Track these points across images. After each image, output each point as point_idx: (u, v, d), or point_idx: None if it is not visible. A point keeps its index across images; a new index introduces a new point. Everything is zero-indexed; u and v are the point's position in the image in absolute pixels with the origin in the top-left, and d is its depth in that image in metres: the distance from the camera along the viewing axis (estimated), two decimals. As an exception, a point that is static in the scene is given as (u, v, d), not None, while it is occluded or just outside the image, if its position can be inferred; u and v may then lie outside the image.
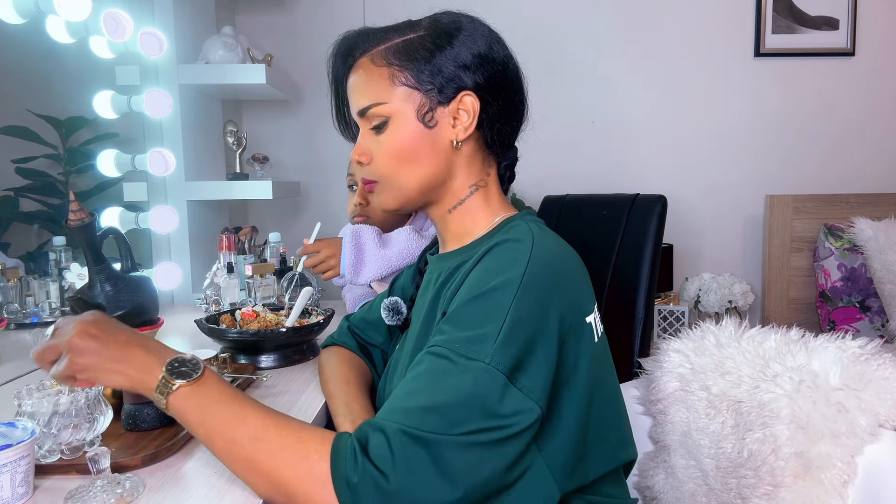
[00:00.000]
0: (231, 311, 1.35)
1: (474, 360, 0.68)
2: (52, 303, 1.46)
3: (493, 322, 0.70)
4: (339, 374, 1.02)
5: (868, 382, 0.83)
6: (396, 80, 0.82)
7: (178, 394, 0.69)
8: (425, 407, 0.66)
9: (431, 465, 0.63)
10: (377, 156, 0.85)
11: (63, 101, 1.62)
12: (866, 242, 2.36)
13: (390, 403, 0.69)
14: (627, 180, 2.55)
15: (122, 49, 1.64)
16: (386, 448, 0.64)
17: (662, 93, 2.60)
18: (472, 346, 0.69)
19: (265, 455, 0.66)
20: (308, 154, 2.63)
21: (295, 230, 2.62)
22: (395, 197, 0.87)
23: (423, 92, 0.82)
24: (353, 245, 1.38)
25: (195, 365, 0.70)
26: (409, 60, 0.82)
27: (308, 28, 2.58)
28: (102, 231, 1.22)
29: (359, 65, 0.85)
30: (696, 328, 1.11)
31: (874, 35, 2.60)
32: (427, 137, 0.83)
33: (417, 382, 0.69)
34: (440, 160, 0.84)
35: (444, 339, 0.71)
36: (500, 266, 0.74)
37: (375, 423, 0.67)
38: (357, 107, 0.85)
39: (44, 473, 0.77)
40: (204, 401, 0.69)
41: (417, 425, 0.65)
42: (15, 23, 1.28)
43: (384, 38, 0.85)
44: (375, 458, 0.63)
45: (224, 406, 0.69)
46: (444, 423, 0.65)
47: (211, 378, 0.71)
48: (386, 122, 0.83)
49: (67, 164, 1.62)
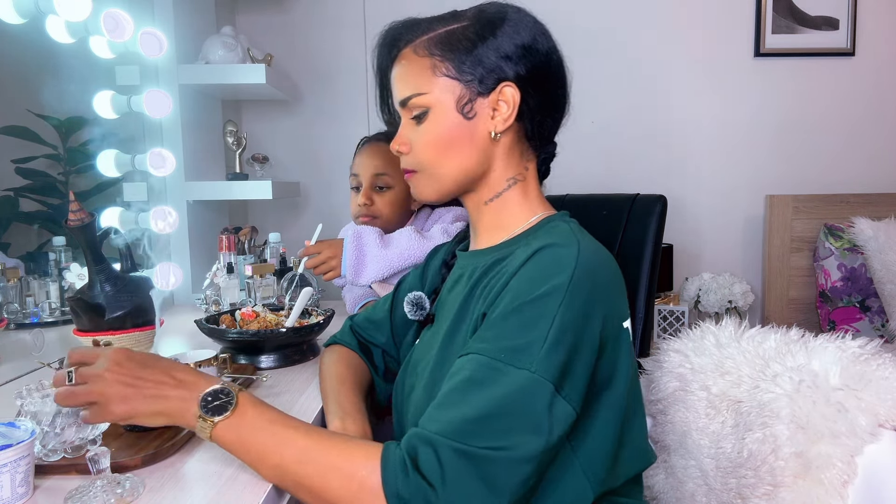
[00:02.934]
0: (231, 312, 1.35)
1: (521, 370, 0.68)
2: (52, 303, 1.46)
3: (539, 330, 0.70)
4: (335, 373, 1.02)
5: (868, 382, 0.84)
6: (437, 71, 0.82)
7: (218, 429, 0.70)
8: (473, 418, 0.66)
9: (480, 480, 0.64)
10: (416, 145, 0.85)
11: (63, 101, 1.62)
12: (866, 242, 2.36)
13: (437, 412, 0.69)
14: (627, 180, 2.55)
15: (122, 49, 1.64)
16: (436, 462, 0.64)
17: (662, 93, 2.60)
18: (518, 355, 0.69)
19: (313, 477, 0.67)
20: (308, 154, 2.63)
21: (295, 230, 2.62)
22: (432, 187, 0.87)
23: (464, 83, 0.82)
24: (354, 246, 1.38)
25: (228, 395, 0.71)
26: (450, 51, 0.82)
27: (308, 28, 2.58)
28: (103, 231, 1.22)
29: (402, 55, 0.85)
30: (696, 328, 1.11)
31: (874, 35, 2.60)
32: (465, 128, 0.83)
33: (464, 391, 0.69)
34: (478, 151, 0.84)
35: (489, 347, 0.71)
36: (547, 272, 0.73)
37: (424, 437, 0.67)
38: (399, 96, 0.86)
39: (44, 473, 0.77)
40: (244, 431, 0.70)
41: (466, 440, 0.65)
42: (15, 23, 1.27)
43: (428, 28, 0.85)
44: (426, 472, 0.64)
45: (264, 433, 0.70)
46: (492, 437, 0.65)
47: (246, 405, 0.72)
48: (426, 112, 0.83)
49: (67, 164, 1.62)
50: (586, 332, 0.72)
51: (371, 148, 1.60)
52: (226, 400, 0.71)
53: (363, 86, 2.58)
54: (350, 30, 2.56)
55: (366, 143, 1.63)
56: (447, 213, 1.55)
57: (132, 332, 1.17)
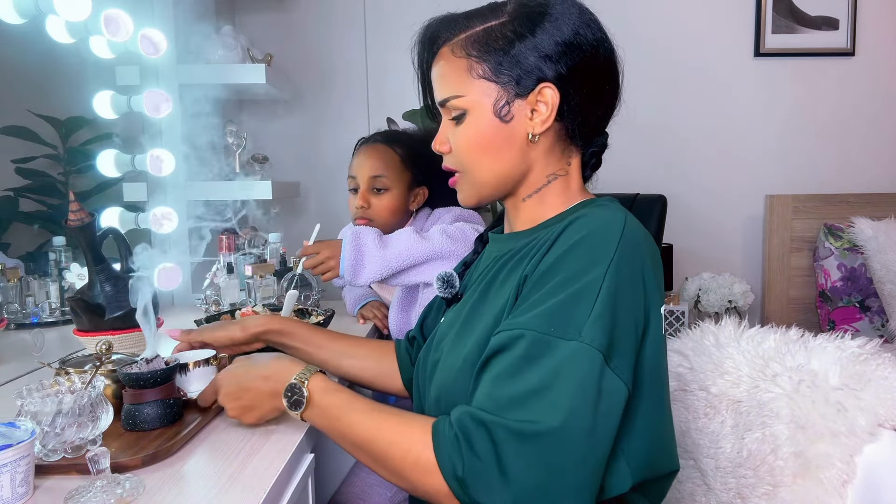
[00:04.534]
0: (231, 312, 1.35)
1: (569, 341, 0.68)
2: (52, 303, 1.46)
3: (586, 300, 0.69)
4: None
5: (867, 382, 0.84)
6: (474, 73, 0.80)
7: (304, 418, 0.81)
8: (522, 395, 0.67)
9: (535, 458, 0.64)
10: (455, 147, 0.84)
11: (63, 101, 1.62)
12: (866, 242, 2.36)
13: (488, 390, 0.69)
14: (627, 180, 2.55)
15: (122, 49, 1.64)
16: (489, 442, 0.65)
17: (662, 92, 2.60)
18: (566, 327, 0.68)
19: (380, 455, 0.73)
20: (308, 154, 2.63)
21: (295, 230, 2.62)
22: (472, 192, 0.86)
23: (501, 84, 0.79)
24: (352, 246, 1.38)
25: (299, 392, 0.80)
26: (487, 52, 0.79)
27: (308, 28, 2.58)
28: (103, 231, 1.22)
29: (440, 54, 0.84)
30: (696, 328, 1.11)
31: (874, 35, 2.60)
32: (503, 132, 0.81)
33: (515, 368, 0.69)
34: (516, 154, 0.81)
35: (536, 322, 0.70)
36: (592, 242, 0.72)
37: (477, 416, 0.67)
38: (438, 97, 0.85)
39: (44, 473, 0.77)
40: (320, 420, 0.80)
41: (517, 417, 0.65)
42: (15, 23, 1.27)
43: (466, 25, 0.82)
44: (481, 453, 0.65)
45: (337, 421, 0.78)
46: (543, 412, 0.65)
47: (316, 397, 0.79)
48: (464, 114, 0.82)
49: (67, 164, 1.62)
50: (632, 305, 0.71)
51: (368, 149, 1.60)
52: (298, 396, 0.79)
53: (363, 86, 2.58)
54: (350, 30, 2.56)
55: (363, 145, 1.63)
56: (446, 214, 1.55)
57: (132, 332, 1.17)
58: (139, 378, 0.89)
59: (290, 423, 0.94)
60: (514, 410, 0.66)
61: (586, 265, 0.71)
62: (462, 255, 1.32)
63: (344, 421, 0.76)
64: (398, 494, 1.36)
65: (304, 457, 0.92)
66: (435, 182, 1.63)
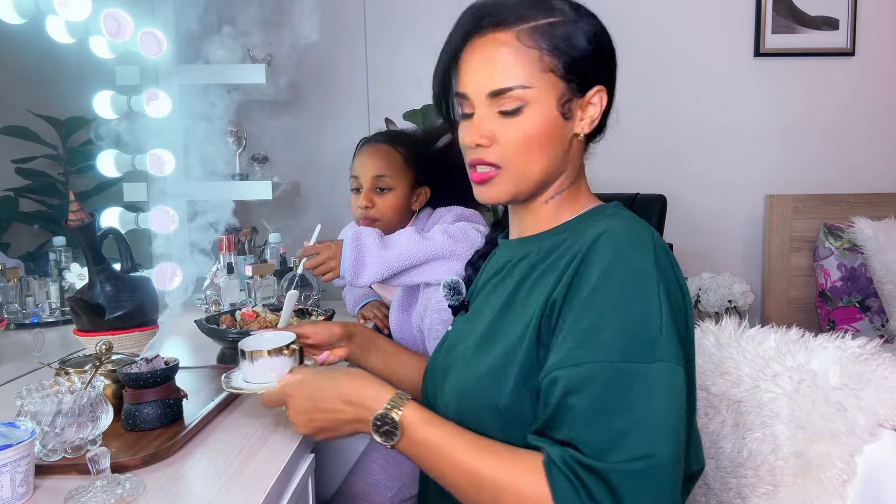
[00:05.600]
0: (231, 312, 1.35)
1: (652, 364, 0.66)
2: (52, 303, 1.46)
3: (653, 317, 0.68)
4: None
5: (867, 382, 0.84)
6: (545, 66, 0.78)
7: (396, 448, 0.75)
8: (624, 431, 0.64)
9: (653, 493, 0.64)
10: (506, 140, 0.79)
11: (63, 101, 1.62)
12: (866, 242, 2.36)
13: (584, 434, 0.66)
14: (627, 180, 2.55)
15: (122, 49, 1.64)
16: (607, 492, 0.63)
17: (662, 92, 2.60)
18: (645, 350, 0.67)
19: (488, 499, 0.69)
20: (308, 154, 2.62)
21: (295, 231, 2.62)
22: (511, 186, 0.81)
23: (566, 82, 0.79)
24: (353, 246, 1.37)
25: (392, 423, 0.73)
26: (557, 47, 0.78)
27: (308, 28, 2.57)
28: (103, 231, 1.22)
29: (497, 39, 0.78)
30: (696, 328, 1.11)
31: (874, 35, 2.60)
32: (560, 128, 0.80)
33: (604, 407, 0.66)
34: (561, 153, 0.82)
35: (602, 353, 0.67)
36: (629, 258, 0.72)
37: (587, 464, 0.64)
38: (492, 85, 0.78)
39: (44, 473, 0.77)
40: (414, 454, 0.74)
41: (628, 456, 0.63)
42: (15, 23, 1.27)
43: (525, 14, 0.79)
44: (602, 502, 0.63)
45: (434, 456, 0.73)
46: (653, 443, 0.64)
47: (412, 427, 0.73)
48: (521, 106, 0.78)
49: (67, 164, 1.62)
50: (681, 310, 0.72)
51: (371, 149, 1.59)
52: (390, 427, 0.74)
53: (363, 86, 2.58)
54: (350, 30, 2.56)
55: (365, 144, 1.63)
56: (448, 214, 1.55)
57: (132, 332, 1.17)
58: (139, 378, 0.89)
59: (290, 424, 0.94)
60: (621, 450, 0.64)
61: (637, 284, 0.70)
62: (463, 255, 1.32)
63: (445, 457, 0.72)
64: (399, 494, 1.36)
65: (304, 457, 0.92)
66: (437, 182, 1.63)
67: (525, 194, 0.83)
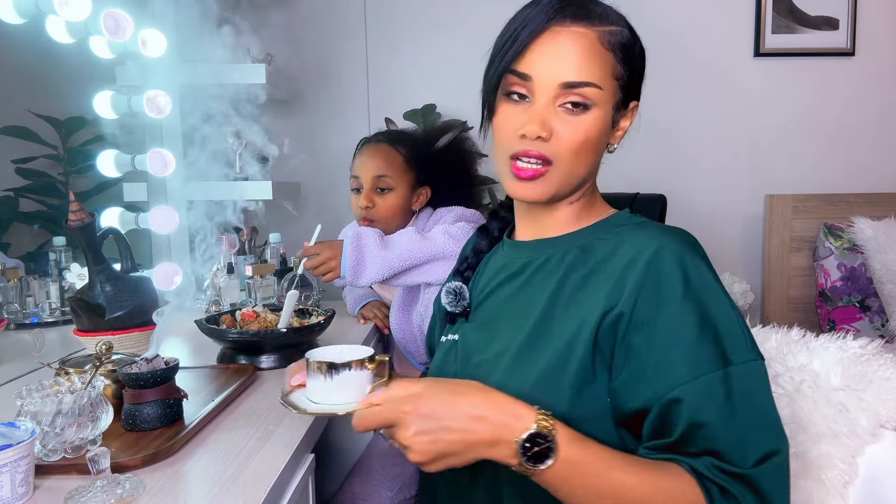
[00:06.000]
0: (231, 312, 1.35)
1: (746, 363, 0.70)
2: (52, 303, 1.46)
3: (732, 320, 0.71)
4: None
5: (869, 383, 0.83)
6: (615, 72, 0.78)
7: (541, 475, 0.65)
8: (754, 430, 0.68)
9: (785, 475, 0.69)
10: (566, 137, 0.77)
11: (63, 101, 1.62)
12: (866, 242, 2.36)
13: (725, 441, 0.67)
14: (627, 180, 2.55)
15: (122, 49, 1.64)
16: (754, 496, 0.66)
17: (662, 92, 2.60)
18: (743, 350, 0.70)
19: None
20: (308, 154, 2.62)
21: (295, 231, 2.62)
22: (558, 184, 0.79)
23: (623, 92, 0.80)
24: (353, 247, 1.37)
25: (547, 440, 0.64)
26: (624, 56, 0.79)
27: (308, 28, 2.58)
28: (103, 231, 1.22)
29: (581, 33, 0.77)
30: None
31: (874, 35, 2.60)
32: (607, 135, 0.81)
33: (724, 415, 0.68)
34: (599, 159, 0.84)
35: (707, 362, 0.69)
36: (700, 269, 0.74)
37: (735, 472, 0.66)
38: (568, 75, 0.76)
39: (44, 473, 0.77)
40: (567, 475, 0.66)
41: (760, 452, 0.67)
42: (15, 23, 1.27)
43: (607, 16, 0.79)
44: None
45: (593, 477, 0.66)
46: (774, 438, 0.69)
47: (566, 445, 0.65)
48: (587, 106, 0.77)
49: (67, 164, 1.62)
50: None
51: (371, 149, 1.59)
52: (546, 446, 0.64)
53: (363, 86, 2.58)
54: (350, 30, 2.56)
55: (365, 144, 1.63)
56: (448, 214, 1.55)
57: (132, 332, 1.17)
58: (139, 378, 0.89)
59: (290, 423, 0.94)
60: (753, 451, 0.67)
61: (715, 292, 0.73)
62: (463, 256, 1.32)
63: (604, 478, 0.66)
64: (399, 494, 1.36)
65: (304, 457, 0.92)
66: (437, 182, 1.63)
67: (563, 195, 0.82)
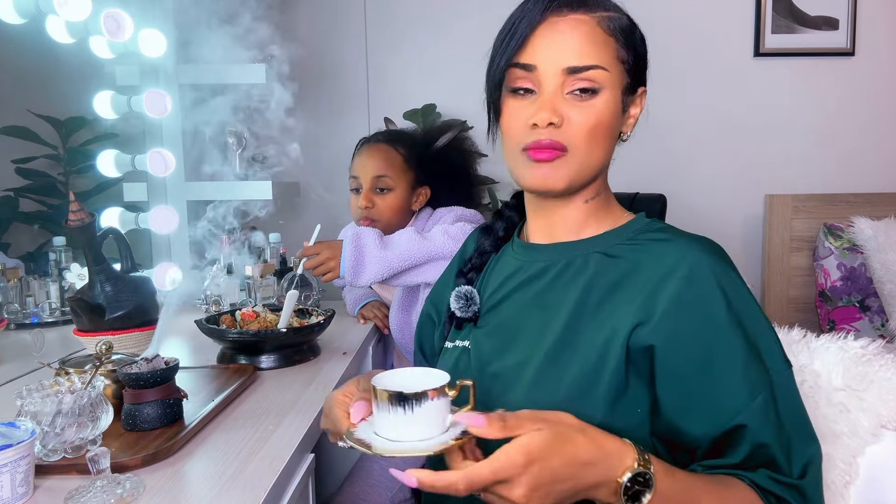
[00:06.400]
0: (231, 312, 1.35)
1: (780, 372, 0.73)
2: (52, 303, 1.46)
3: (766, 330, 0.74)
4: None
5: (870, 383, 0.83)
6: (619, 55, 0.78)
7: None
8: (797, 439, 0.71)
9: (821, 486, 0.72)
10: (578, 123, 0.76)
11: (63, 101, 1.62)
12: (866, 242, 2.36)
13: (778, 453, 0.70)
14: (627, 180, 2.55)
15: (122, 49, 1.64)
16: (802, 499, 0.70)
17: (662, 92, 2.60)
18: (781, 360, 0.74)
19: None
20: (308, 154, 2.62)
21: (295, 231, 2.62)
22: (572, 172, 0.78)
23: (630, 76, 0.80)
24: (353, 247, 1.37)
25: (646, 479, 0.63)
26: (627, 40, 0.79)
27: (308, 28, 2.58)
28: (103, 231, 1.21)
29: (580, 20, 0.77)
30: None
31: (874, 35, 2.60)
32: (618, 120, 0.80)
33: (782, 424, 0.71)
34: (614, 146, 0.82)
35: (766, 375, 0.72)
36: (736, 285, 0.76)
37: (789, 483, 0.70)
38: (572, 60, 0.76)
39: (44, 473, 0.77)
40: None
41: (804, 458, 0.71)
42: (15, 23, 1.27)
43: (604, 3, 0.79)
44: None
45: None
46: (810, 446, 0.72)
47: (660, 479, 0.64)
48: (595, 91, 0.76)
49: (67, 164, 1.62)
50: None
51: (370, 149, 1.59)
52: (644, 485, 0.63)
53: (363, 86, 2.58)
54: (350, 30, 2.56)
55: (364, 144, 1.63)
56: (448, 214, 1.55)
57: (132, 332, 1.17)
58: (139, 378, 0.89)
59: (290, 423, 0.94)
60: (798, 459, 0.70)
61: (753, 305, 0.75)
62: (464, 256, 1.31)
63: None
64: (398, 494, 1.36)
65: (304, 457, 0.92)
66: (437, 182, 1.63)
67: (578, 185, 0.80)
